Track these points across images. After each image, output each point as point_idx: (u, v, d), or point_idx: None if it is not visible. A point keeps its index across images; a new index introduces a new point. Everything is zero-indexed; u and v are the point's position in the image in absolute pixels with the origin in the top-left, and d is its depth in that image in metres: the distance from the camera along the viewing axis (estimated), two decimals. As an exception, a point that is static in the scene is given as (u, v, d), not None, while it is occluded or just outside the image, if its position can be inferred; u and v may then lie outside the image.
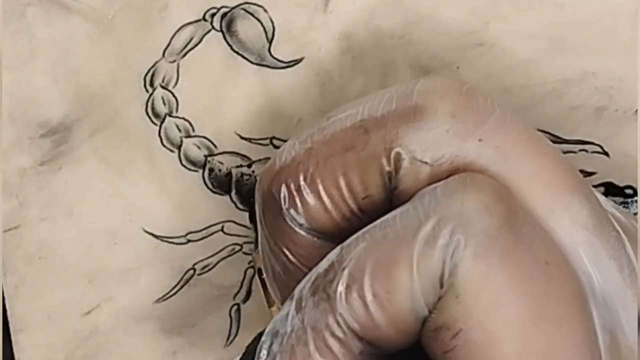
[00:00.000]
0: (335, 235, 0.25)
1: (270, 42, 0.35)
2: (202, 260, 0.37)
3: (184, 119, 0.36)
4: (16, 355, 0.37)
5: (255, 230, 0.37)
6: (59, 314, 0.37)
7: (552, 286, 0.23)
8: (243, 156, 0.36)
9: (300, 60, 0.35)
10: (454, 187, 0.24)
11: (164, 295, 0.37)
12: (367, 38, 0.35)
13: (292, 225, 0.26)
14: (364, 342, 0.23)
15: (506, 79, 0.36)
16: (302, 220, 0.26)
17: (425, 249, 0.23)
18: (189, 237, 0.37)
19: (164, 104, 0.36)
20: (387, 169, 0.25)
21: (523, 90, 0.36)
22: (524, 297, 0.23)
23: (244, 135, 0.36)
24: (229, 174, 0.36)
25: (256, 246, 0.37)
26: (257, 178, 0.28)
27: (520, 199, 0.24)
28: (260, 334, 0.25)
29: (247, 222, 0.37)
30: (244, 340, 0.38)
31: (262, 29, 0.35)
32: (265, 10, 0.35)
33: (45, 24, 0.34)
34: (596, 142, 0.36)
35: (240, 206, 0.37)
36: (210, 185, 0.36)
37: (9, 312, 0.37)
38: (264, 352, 0.24)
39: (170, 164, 0.36)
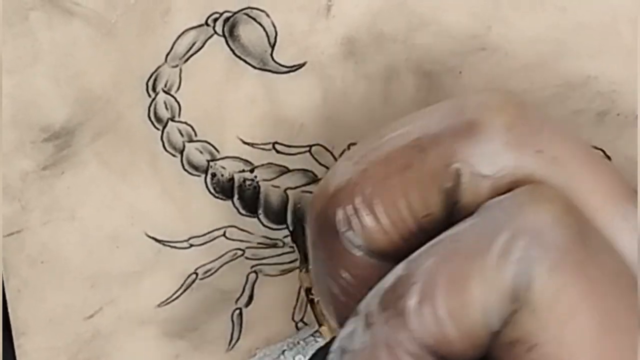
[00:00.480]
0: (393, 255, 0.25)
1: (272, 47, 0.35)
2: (204, 265, 0.37)
3: (186, 123, 0.36)
4: (18, 359, 0.37)
5: (299, 250, 0.37)
6: (61, 318, 0.37)
7: (622, 297, 0.23)
8: (245, 161, 0.36)
9: (303, 64, 0.35)
10: (522, 199, 0.24)
11: (166, 299, 0.38)
12: (370, 42, 0.35)
13: (349, 248, 0.26)
14: (436, 356, 0.24)
15: (508, 83, 0.36)
16: (359, 242, 0.26)
17: (499, 263, 0.23)
18: (191, 241, 0.37)
19: (167, 108, 0.36)
20: (447, 185, 0.25)
21: (525, 94, 0.36)
22: (597, 310, 0.23)
23: (246, 140, 0.36)
24: (232, 179, 0.36)
25: (302, 266, 0.36)
26: (310, 203, 0.28)
27: (582, 211, 0.24)
28: (319, 350, 0.25)
29: (250, 228, 0.37)
30: (246, 344, 0.38)
31: (264, 33, 0.35)
32: (268, 15, 0.35)
33: (47, 28, 0.34)
34: (598, 146, 0.36)
35: (243, 211, 0.37)
36: (212, 190, 0.36)
37: (11, 316, 0.37)
38: None
39: (172, 168, 0.36)
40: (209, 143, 0.36)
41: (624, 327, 0.23)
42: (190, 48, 0.35)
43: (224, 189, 0.36)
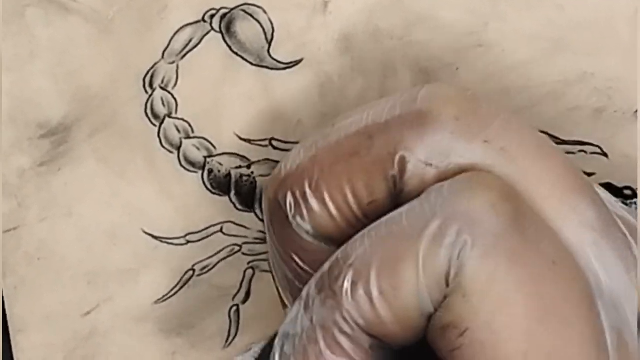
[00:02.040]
0: (341, 241, 0.25)
1: (269, 43, 0.35)
2: (201, 261, 0.37)
3: (183, 120, 0.36)
4: (15, 356, 0.37)
5: None
6: (58, 315, 0.37)
7: (559, 286, 0.23)
8: (242, 157, 0.36)
9: (300, 61, 0.35)
10: (460, 186, 0.24)
11: (163, 296, 0.37)
12: (367, 39, 0.35)
13: (299, 232, 0.26)
14: (371, 337, 0.24)
15: (505, 80, 0.36)
16: (308, 227, 0.26)
17: (431, 247, 0.23)
18: (188, 237, 0.37)
19: (164, 105, 0.36)
20: (392, 173, 0.25)
21: (522, 91, 0.36)
22: (531, 297, 0.23)
23: (243, 137, 0.36)
24: (228, 175, 0.36)
25: None
26: (262, 185, 0.28)
27: (527, 200, 0.24)
28: (273, 338, 0.25)
29: (247, 223, 0.37)
30: (243, 341, 0.38)
31: (261, 30, 0.35)
32: (265, 12, 0.35)
33: (44, 25, 0.34)
34: (595, 143, 0.36)
35: (240, 207, 0.37)
36: (209, 186, 0.36)
37: (8, 313, 0.37)
38: (277, 355, 0.24)
39: (169, 165, 0.36)
40: (205, 139, 0.36)
41: (561, 315, 0.23)
42: (187, 44, 0.35)
43: (220, 185, 0.37)
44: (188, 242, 0.37)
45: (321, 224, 0.26)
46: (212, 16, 0.35)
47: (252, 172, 0.36)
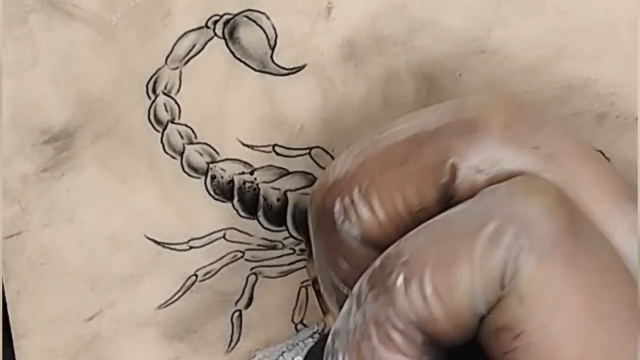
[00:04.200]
0: (389, 247, 0.25)
1: (272, 49, 0.35)
2: (204, 267, 0.37)
3: (186, 125, 0.36)
4: (18, 361, 0.37)
5: (307, 243, 0.37)
6: (61, 320, 0.37)
7: (612, 290, 0.23)
8: (245, 163, 0.36)
9: (303, 67, 0.35)
10: (516, 188, 0.24)
11: (165, 301, 0.38)
12: (370, 45, 0.35)
13: (347, 238, 0.27)
14: (423, 334, 0.24)
15: (508, 86, 0.36)
16: (356, 233, 0.26)
17: (487, 248, 0.23)
18: (191, 243, 0.37)
19: (166, 110, 0.36)
20: (443, 179, 0.25)
21: (525, 97, 0.36)
22: (586, 301, 0.23)
23: (246, 142, 0.36)
24: (231, 181, 0.36)
25: (309, 258, 0.37)
26: (310, 196, 0.28)
27: (578, 205, 0.24)
28: (323, 335, 0.25)
29: (250, 230, 0.37)
30: (245, 346, 0.38)
31: (264, 35, 0.35)
32: (268, 17, 0.35)
33: (47, 30, 0.34)
34: (597, 148, 0.36)
35: (243, 213, 0.37)
36: (212, 192, 0.36)
37: (10, 318, 0.37)
38: (330, 352, 0.25)
39: (172, 170, 0.36)
40: (208, 145, 0.36)
41: (614, 320, 0.23)
42: (190, 50, 0.35)
43: (223, 191, 0.37)
44: (191, 247, 0.37)
45: (370, 230, 0.26)
46: (216, 22, 0.35)
47: (255, 179, 0.36)
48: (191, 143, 0.36)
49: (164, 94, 0.35)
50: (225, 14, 0.35)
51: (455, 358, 0.25)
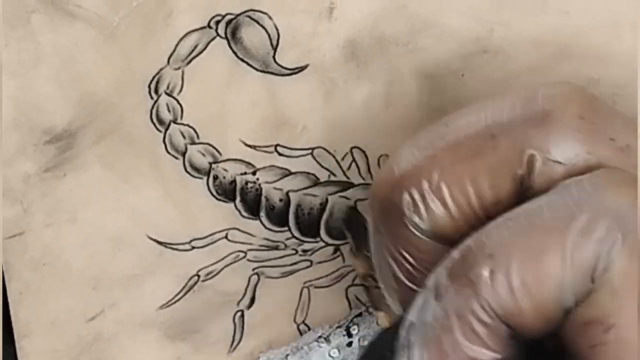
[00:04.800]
0: (459, 241, 0.25)
1: (275, 49, 0.35)
2: (206, 267, 0.37)
3: (188, 125, 0.36)
4: (20, 361, 0.37)
5: (353, 238, 0.37)
6: (63, 320, 0.37)
7: None
8: (247, 163, 0.36)
9: (305, 67, 0.35)
10: (602, 181, 0.24)
11: (168, 302, 0.38)
12: (372, 45, 0.35)
13: (414, 232, 0.26)
14: (508, 326, 0.24)
15: (511, 86, 0.36)
16: (425, 227, 0.26)
17: (579, 240, 0.23)
18: (193, 243, 0.37)
19: (169, 110, 0.36)
20: (520, 172, 0.25)
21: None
22: None
23: (248, 143, 0.36)
24: (234, 181, 0.36)
25: (356, 253, 0.36)
26: (373, 189, 0.28)
27: None
28: (384, 332, 0.25)
29: (252, 231, 0.37)
30: (247, 346, 0.38)
31: (266, 36, 0.35)
32: (270, 18, 0.35)
33: (50, 30, 0.34)
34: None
35: (245, 214, 0.37)
36: (214, 193, 0.36)
37: (13, 318, 0.37)
38: (407, 345, 0.24)
39: (174, 170, 0.36)
40: (211, 145, 0.36)
41: None
42: (193, 50, 0.35)
43: (225, 192, 0.36)
44: (193, 247, 0.37)
45: (440, 224, 0.26)
46: (218, 22, 0.35)
47: (258, 179, 0.36)
48: (193, 143, 0.36)
49: (167, 94, 0.35)
50: (227, 14, 0.35)
51: (534, 352, 0.25)
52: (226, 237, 0.37)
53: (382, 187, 0.27)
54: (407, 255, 0.27)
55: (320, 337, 0.38)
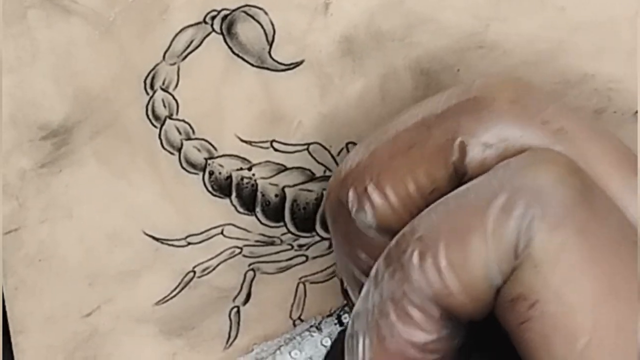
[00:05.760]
0: None
1: (270, 45, 0.35)
2: (202, 263, 0.37)
3: (184, 121, 0.36)
4: (16, 357, 0.37)
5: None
6: (58, 316, 0.37)
7: (625, 260, 0.23)
8: (243, 159, 0.36)
9: (301, 62, 0.35)
10: (527, 161, 0.24)
11: (164, 298, 0.38)
12: (368, 40, 0.35)
13: (363, 228, 0.27)
14: (441, 309, 0.24)
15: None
16: (371, 222, 0.27)
17: (499, 218, 0.23)
18: (189, 239, 0.37)
19: (164, 106, 0.36)
20: (453, 158, 0.26)
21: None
22: (599, 270, 0.23)
23: (244, 138, 0.36)
24: (229, 177, 0.36)
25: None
26: (327, 188, 0.29)
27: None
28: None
29: (248, 226, 0.37)
30: (243, 342, 0.38)
31: (262, 31, 0.35)
32: (266, 13, 0.35)
33: (46, 26, 0.34)
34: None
35: (241, 209, 0.37)
36: (210, 188, 0.36)
37: (8, 314, 0.37)
38: (350, 334, 0.25)
39: (170, 166, 0.36)
40: (206, 141, 0.36)
41: (625, 292, 0.23)
42: (188, 46, 0.35)
43: (221, 187, 0.36)
44: (189, 243, 0.37)
45: (384, 218, 0.26)
46: (213, 17, 0.35)
47: (253, 175, 0.36)
48: (189, 139, 0.36)
49: (162, 89, 0.35)
50: (223, 10, 0.35)
51: (476, 334, 0.25)
52: (222, 233, 0.37)
53: (332, 188, 0.28)
54: (360, 253, 0.27)
55: (312, 326, 0.38)
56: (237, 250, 0.37)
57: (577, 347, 0.23)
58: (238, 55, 0.35)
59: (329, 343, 0.38)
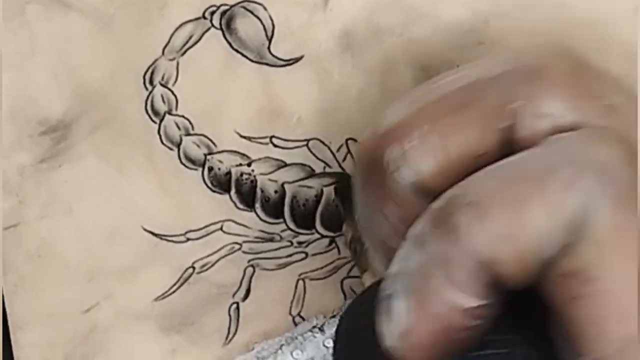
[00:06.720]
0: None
1: (269, 40, 0.35)
2: (201, 259, 0.37)
3: (183, 117, 0.36)
4: (15, 354, 0.37)
5: (343, 203, 0.36)
6: (58, 312, 0.37)
7: None
8: (242, 155, 0.36)
9: (300, 58, 0.35)
10: (591, 137, 0.24)
11: (163, 294, 0.37)
12: (367, 36, 0.35)
13: (399, 188, 0.26)
14: (488, 274, 0.23)
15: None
16: (411, 181, 0.26)
17: (562, 191, 0.23)
18: (188, 235, 0.37)
19: (164, 101, 0.36)
20: (504, 124, 0.25)
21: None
22: None
23: (243, 134, 0.36)
24: (229, 172, 0.36)
25: (348, 218, 0.36)
26: (358, 148, 0.28)
27: None
28: (367, 289, 0.25)
29: (247, 222, 0.37)
30: (242, 338, 0.38)
31: (261, 26, 0.35)
32: (265, 8, 0.35)
33: (45, 21, 0.34)
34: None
35: (240, 205, 0.37)
36: (209, 184, 0.36)
37: (8, 310, 0.37)
38: (389, 295, 0.24)
39: (169, 162, 0.36)
40: (206, 137, 0.36)
41: None
42: (188, 41, 0.35)
43: (221, 183, 0.36)
44: (188, 239, 0.37)
45: (426, 178, 0.26)
46: (213, 13, 0.35)
47: (253, 170, 0.36)
48: (188, 134, 0.36)
49: (161, 85, 0.35)
50: (222, 5, 0.35)
51: (514, 304, 0.24)
52: (221, 228, 0.37)
53: (366, 145, 0.27)
54: (392, 212, 0.26)
55: (314, 327, 0.38)
56: (237, 247, 0.37)
57: (631, 330, 0.22)
58: (237, 51, 0.35)
59: (331, 344, 0.38)
